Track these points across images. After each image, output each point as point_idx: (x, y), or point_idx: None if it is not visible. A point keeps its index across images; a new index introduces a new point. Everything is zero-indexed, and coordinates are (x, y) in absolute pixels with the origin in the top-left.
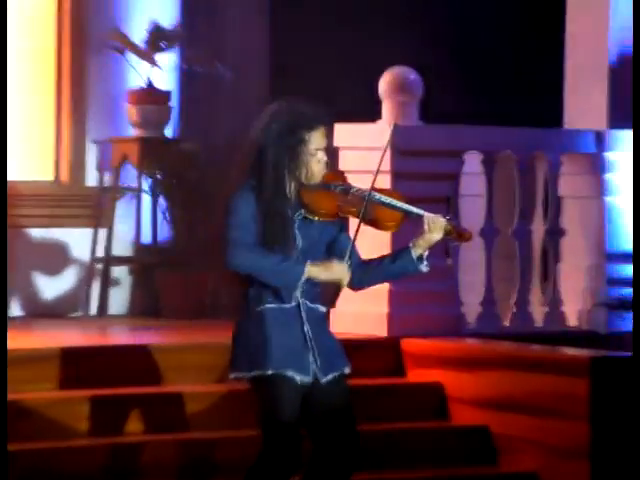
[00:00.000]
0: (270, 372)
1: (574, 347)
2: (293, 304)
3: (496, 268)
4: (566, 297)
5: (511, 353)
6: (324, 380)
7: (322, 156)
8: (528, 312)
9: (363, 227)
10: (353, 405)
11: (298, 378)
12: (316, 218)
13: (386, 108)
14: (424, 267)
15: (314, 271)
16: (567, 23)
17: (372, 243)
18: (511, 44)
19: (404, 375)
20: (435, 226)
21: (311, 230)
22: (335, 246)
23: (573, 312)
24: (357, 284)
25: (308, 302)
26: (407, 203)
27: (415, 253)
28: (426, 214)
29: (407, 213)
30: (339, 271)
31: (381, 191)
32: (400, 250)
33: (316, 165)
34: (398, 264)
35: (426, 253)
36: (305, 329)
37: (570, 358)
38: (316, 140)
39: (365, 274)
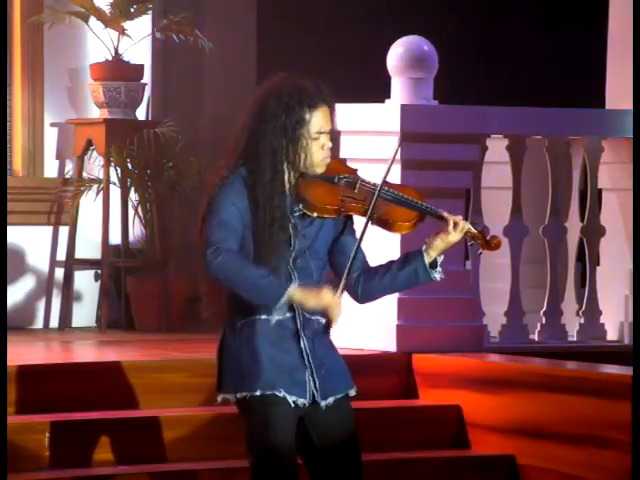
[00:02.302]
0: (259, 392)
1: (614, 365)
2: (288, 315)
3: (524, 273)
4: (605, 307)
5: (541, 372)
6: (324, 404)
7: (325, 141)
8: (561, 324)
9: (371, 227)
10: (358, 432)
11: (292, 400)
12: (314, 214)
13: (396, 86)
14: (437, 275)
15: (298, 296)
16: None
17: (381, 246)
18: (547, 18)
19: (416, 397)
20: (458, 227)
21: (310, 229)
22: (337, 249)
23: (613, 324)
24: (362, 297)
25: (306, 313)
26: (423, 202)
27: (428, 258)
28: (446, 214)
29: (424, 213)
30: (328, 301)
31: (393, 186)
32: (410, 254)
33: (318, 151)
34: (407, 271)
35: (441, 258)
36: (302, 345)
37: (610, 378)
38: (319, 121)
39: (370, 284)
